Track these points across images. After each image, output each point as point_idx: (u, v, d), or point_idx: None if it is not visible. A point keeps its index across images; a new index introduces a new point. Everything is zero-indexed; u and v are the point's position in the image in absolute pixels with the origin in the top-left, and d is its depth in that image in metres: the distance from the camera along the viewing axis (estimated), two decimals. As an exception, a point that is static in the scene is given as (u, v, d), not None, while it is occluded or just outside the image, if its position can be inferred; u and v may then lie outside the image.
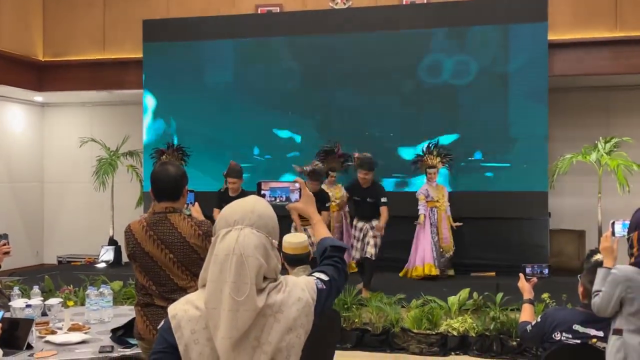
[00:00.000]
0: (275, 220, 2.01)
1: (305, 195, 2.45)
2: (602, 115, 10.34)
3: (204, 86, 10.49)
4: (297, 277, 2.04)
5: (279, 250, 2.05)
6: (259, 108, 10.26)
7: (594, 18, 9.59)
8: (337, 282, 2.17)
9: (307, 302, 1.97)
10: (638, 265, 3.11)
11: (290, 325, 1.90)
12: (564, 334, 3.55)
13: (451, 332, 6.80)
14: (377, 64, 9.86)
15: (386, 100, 9.85)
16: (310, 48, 10.15)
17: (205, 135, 10.39)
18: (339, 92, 10.01)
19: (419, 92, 9.78)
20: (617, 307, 3.13)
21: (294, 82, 10.19)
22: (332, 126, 9.99)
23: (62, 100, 12.27)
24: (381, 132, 9.87)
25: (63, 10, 11.36)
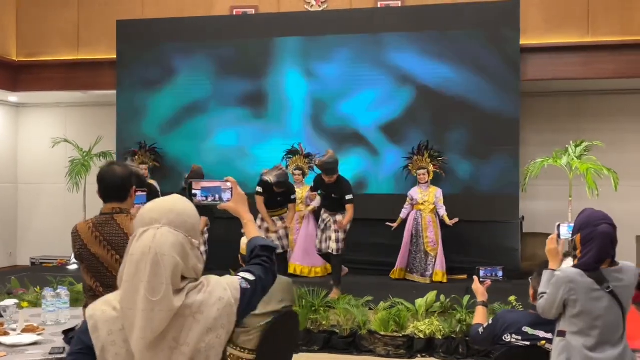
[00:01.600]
0: (196, 219, 2.00)
1: (236, 194, 2.45)
2: (575, 120, 10.41)
3: (178, 87, 10.44)
4: (220, 277, 2.03)
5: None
6: (234, 110, 10.24)
7: (565, 23, 9.66)
8: (263, 282, 2.17)
9: (229, 302, 1.95)
10: (581, 267, 3.13)
11: (210, 326, 1.89)
12: (514, 335, 3.57)
13: (418, 334, 6.81)
14: (352, 66, 9.87)
15: (362, 103, 9.86)
16: (285, 50, 10.14)
17: (179, 136, 10.35)
18: (316, 94, 10.01)
19: (394, 94, 9.78)
20: (561, 309, 3.15)
21: (269, 83, 10.17)
22: (306, 128, 9.99)
23: (37, 100, 12.19)
24: (357, 132, 9.88)
25: (37, 10, 11.28)
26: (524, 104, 9.99)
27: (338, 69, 9.92)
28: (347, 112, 9.90)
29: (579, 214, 3.24)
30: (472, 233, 9.35)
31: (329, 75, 9.95)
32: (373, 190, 9.80)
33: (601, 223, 3.12)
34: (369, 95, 9.84)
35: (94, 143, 10.90)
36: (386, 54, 9.79)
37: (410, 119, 9.69)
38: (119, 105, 10.66)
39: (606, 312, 3.08)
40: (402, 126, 9.71)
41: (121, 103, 10.66)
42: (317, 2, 10.35)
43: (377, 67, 9.81)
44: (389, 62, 9.78)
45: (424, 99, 9.68)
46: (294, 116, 10.08)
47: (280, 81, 10.16)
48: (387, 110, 9.80)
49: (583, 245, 3.14)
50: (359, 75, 9.85)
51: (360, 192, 9.59)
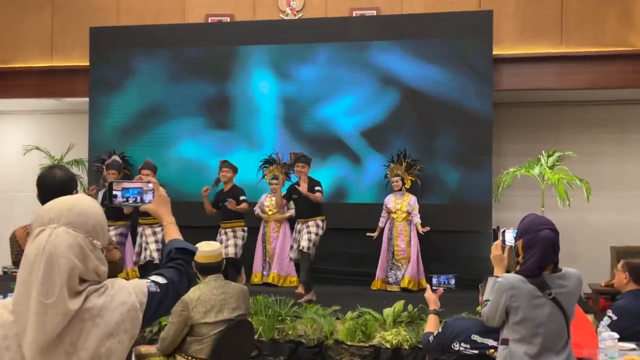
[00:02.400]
0: (99, 219, 1.92)
1: (158, 196, 2.37)
2: (550, 131, 10.41)
3: (152, 95, 10.36)
4: (125, 281, 1.96)
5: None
6: (208, 118, 10.19)
7: (539, 34, 9.68)
8: (176, 286, 2.09)
9: (133, 306, 1.88)
10: (523, 273, 3.07)
11: (111, 331, 1.81)
12: (462, 344, 3.52)
13: (384, 344, 6.74)
14: (326, 74, 9.85)
15: (336, 111, 9.83)
16: (261, 58, 10.09)
17: (150, 144, 10.26)
18: (289, 103, 9.96)
19: (367, 102, 9.76)
20: (504, 316, 3.09)
21: (244, 92, 10.12)
22: (281, 136, 9.95)
23: (11, 108, 12.05)
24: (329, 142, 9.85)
25: (10, 16, 11.16)
26: (499, 114, 10.00)
27: (313, 73, 9.89)
28: (327, 116, 9.87)
29: (521, 220, 3.19)
30: (444, 243, 9.30)
31: (303, 80, 9.92)
32: (354, 199, 9.72)
33: (543, 228, 3.06)
34: (344, 103, 9.81)
35: (66, 151, 10.78)
36: (364, 60, 9.76)
37: (390, 126, 9.65)
38: (91, 112, 10.56)
39: (548, 319, 3.02)
40: (378, 133, 9.68)
41: (93, 111, 10.55)
42: (292, 11, 10.32)
43: (354, 72, 9.78)
44: (368, 67, 9.75)
45: (395, 107, 9.64)
46: (264, 123, 10.04)
47: (251, 87, 10.11)
48: (367, 116, 9.75)
49: (525, 251, 3.08)
50: (333, 81, 9.80)
51: (341, 201, 9.56)
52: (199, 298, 4.26)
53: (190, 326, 4.24)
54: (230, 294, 4.39)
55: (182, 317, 4.22)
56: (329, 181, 9.35)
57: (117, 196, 2.35)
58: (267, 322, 6.98)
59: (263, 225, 9.34)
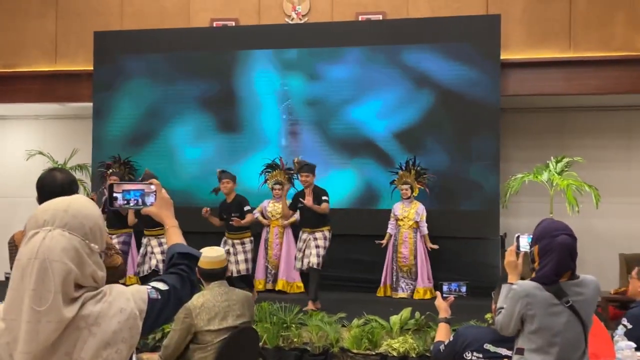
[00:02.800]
0: (97, 221, 1.81)
1: (160, 198, 2.27)
2: (557, 136, 10.31)
3: (156, 100, 10.29)
4: (124, 287, 1.85)
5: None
6: (213, 123, 10.10)
7: (547, 38, 9.58)
8: (178, 292, 1.99)
9: (132, 313, 1.77)
10: (539, 280, 2.95)
11: (108, 340, 1.71)
12: (475, 353, 3.40)
13: (391, 352, 6.60)
14: (332, 79, 9.76)
15: (342, 116, 9.75)
16: (266, 62, 10.01)
17: (155, 149, 10.18)
18: (295, 106, 9.89)
19: (375, 107, 9.67)
20: (519, 324, 2.97)
21: (248, 95, 10.03)
22: (289, 141, 9.87)
23: (15, 113, 12.01)
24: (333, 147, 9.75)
25: (14, 20, 11.10)
26: (506, 119, 9.89)
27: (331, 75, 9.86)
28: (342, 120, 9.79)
29: (537, 225, 3.08)
30: (451, 249, 9.19)
31: (300, 88, 9.84)
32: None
33: (560, 234, 2.95)
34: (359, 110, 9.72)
35: (69, 156, 10.70)
36: (367, 67, 9.68)
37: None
38: (95, 117, 10.49)
39: (565, 328, 2.91)
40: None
41: (97, 115, 10.47)
42: (297, 15, 10.24)
43: (359, 75, 9.72)
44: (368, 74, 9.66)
45: (402, 112, 9.54)
46: (267, 122, 9.97)
47: (255, 87, 10.04)
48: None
49: (541, 257, 2.97)
50: (353, 83, 9.74)
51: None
52: (202, 305, 4.16)
53: (193, 334, 4.14)
54: (235, 300, 4.29)
55: (185, 325, 4.12)
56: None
57: (117, 198, 2.25)
58: (271, 330, 6.86)
59: (265, 231, 9.24)
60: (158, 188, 2.27)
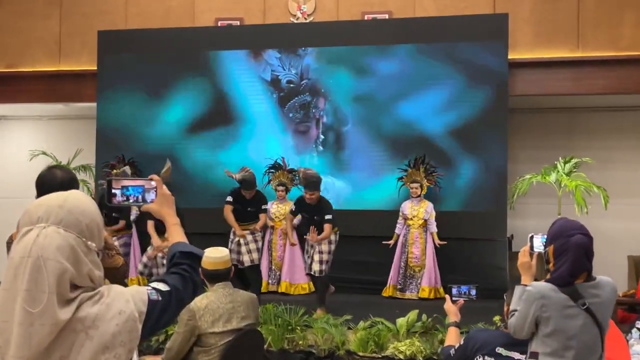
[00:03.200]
0: (94, 218, 1.72)
1: (160, 194, 2.17)
2: (565, 137, 10.20)
3: (160, 99, 10.20)
4: (124, 288, 1.76)
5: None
6: (219, 123, 10.02)
7: (555, 38, 9.47)
8: (180, 293, 1.89)
9: (131, 315, 1.68)
10: (554, 281, 2.85)
11: (106, 344, 1.62)
12: (486, 357, 3.29)
13: (398, 355, 6.50)
14: (337, 78, 9.67)
15: (349, 117, 9.67)
16: (271, 62, 9.93)
17: (160, 149, 10.09)
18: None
19: (379, 108, 9.58)
20: (533, 327, 2.87)
21: (254, 96, 9.95)
22: (290, 141, 9.78)
23: (19, 113, 11.98)
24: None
25: (18, 20, 11.05)
26: (513, 119, 9.78)
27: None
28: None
29: (552, 224, 2.98)
30: (458, 250, 9.08)
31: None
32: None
33: (575, 233, 2.84)
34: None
35: (73, 156, 10.64)
36: (372, 66, 9.59)
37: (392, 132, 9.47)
38: (99, 117, 10.41)
39: (581, 331, 2.80)
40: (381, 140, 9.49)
41: (101, 115, 10.40)
42: (303, 15, 10.16)
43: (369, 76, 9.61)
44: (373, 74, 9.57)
45: (407, 113, 9.46)
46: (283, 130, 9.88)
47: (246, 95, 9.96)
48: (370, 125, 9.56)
49: (556, 257, 2.87)
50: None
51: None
52: (206, 306, 4.07)
53: (197, 336, 4.06)
54: (239, 302, 4.21)
55: (188, 327, 4.03)
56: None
57: (116, 195, 2.16)
58: (276, 332, 6.77)
59: (269, 233, 9.15)
60: (159, 184, 2.18)
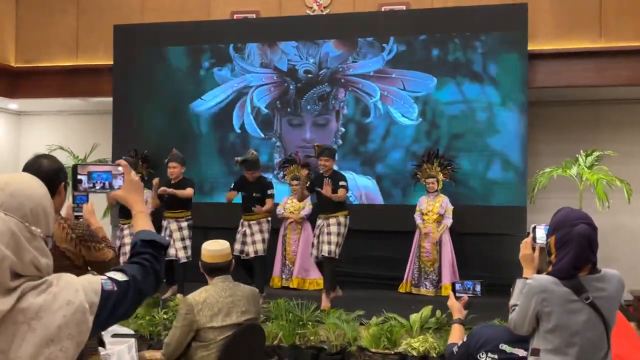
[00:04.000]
0: (40, 202, 1.61)
1: (127, 181, 2.07)
2: (589, 130, 9.94)
3: (176, 93, 10.14)
4: (74, 277, 1.63)
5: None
6: (236, 116, 9.93)
7: (577, 28, 9.23)
8: (138, 284, 1.77)
9: (81, 306, 1.56)
10: (556, 274, 2.69)
11: (51, 336, 1.50)
12: (489, 354, 3.13)
13: (411, 351, 6.37)
14: (355, 71, 9.54)
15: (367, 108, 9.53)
16: (287, 51, 9.81)
17: (176, 142, 10.02)
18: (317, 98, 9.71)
19: (398, 101, 9.43)
20: (534, 323, 2.71)
21: (270, 89, 9.84)
22: (307, 135, 9.68)
23: (39, 108, 12.02)
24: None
25: (36, 16, 11.08)
26: (534, 112, 9.56)
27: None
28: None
29: (554, 214, 2.82)
30: (477, 246, 8.90)
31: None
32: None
33: (578, 223, 2.67)
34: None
35: (90, 151, 10.63)
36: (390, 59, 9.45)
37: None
38: (115, 112, 10.39)
39: (585, 327, 2.63)
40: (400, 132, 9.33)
41: (117, 110, 10.37)
42: (319, 7, 10.02)
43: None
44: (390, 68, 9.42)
45: (426, 105, 9.29)
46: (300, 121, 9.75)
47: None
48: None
49: (558, 249, 2.70)
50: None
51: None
52: (205, 300, 3.96)
53: (195, 331, 3.95)
54: (240, 296, 4.09)
55: (186, 321, 3.93)
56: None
57: (82, 181, 2.05)
58: (287, 327, 6.67)
59: (283, 227, 9.05)
60: (126, 169, 2.08)
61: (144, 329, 6.82)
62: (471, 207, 9.03)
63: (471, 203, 9.07)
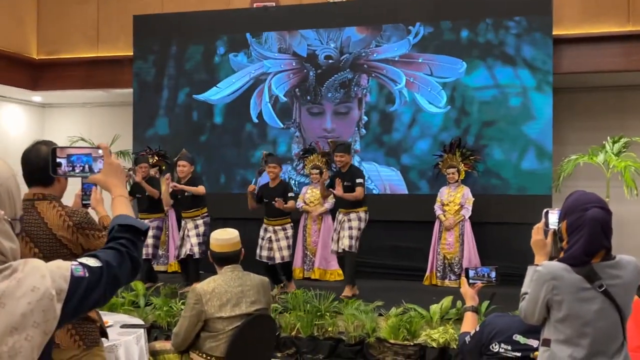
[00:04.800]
0: (5, 183, 1.54)
1: (108, 164, 1.99)
2: (616, 117, 9.70)
3: (196, 82, 10.09)
4: (42, 262, 1.55)
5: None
6: (264, 107, 9.86)
7: (604, 12, 8.99)
8: (113, 269, 1.67)
9: (47, 293, 1.47)
10: (567, 260, 2.54)
11: (15, 324, 1.42)
12: (502, 345, 3.00)
13: (431, 343, 6.24)
14: (378, 56, 9.39)
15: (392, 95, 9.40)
16: (306, 35, 9.69)
17: (196, 133, 10.00)
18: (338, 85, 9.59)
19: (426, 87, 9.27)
20: (544, 312, 2.57)
21: (288, 75, 9.74)
22: (328, 124, 9.57)
23: (63, 101, 12.07)
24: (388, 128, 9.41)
25: (57, 7, 11.11)
26: (560, 99, 9.34)
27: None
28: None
29: (566, 198, 2.67)
30: (500, 235, 8.73)
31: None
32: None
33: (591, 207, 2.52)
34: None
35: (111, 142, 10.63)
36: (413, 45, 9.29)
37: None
38: (135, 103, 10.39)
39: (598, 317, 2.49)
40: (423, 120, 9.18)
41: (138, 101, 10.37)
42: (341, -7, 9.88)
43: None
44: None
45: (450, 92, 9.12)
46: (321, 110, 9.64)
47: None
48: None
49: (569, 234, 2.55)
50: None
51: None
52: (213, 290, 3.89)
53: (204, 321, 3.88)
54: (249, 286, 4.00)
55: (195, 311, 3.86)
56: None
57: (61, 164, 1.98)
58: (305, 318, 6.58)
59: (304, 218, 8.97)
60: (106, 152, 2.00)
61: (162, 319, 6.78)
62: (496, 196, 8.87)
63: (496, 192, 8.90)
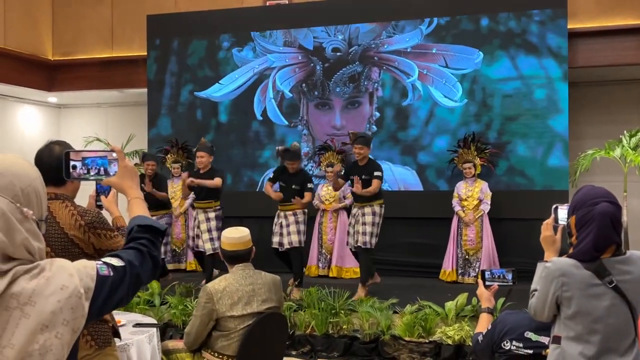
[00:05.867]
0: (32, 183, 1.56)
1: (122, 167, 2.00)
2: (633, 111, 9.61)
3: (210, 82, 10.11)
4: (69, 261, 1.57)
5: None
6: (268, 104, 9.86)
7: (619, 4, 8.88)
8: (135, 269, 1.71)
9: (75, 291, 1.50)
10: (577, 256, 2.51)
11: (45, 322, 1.44)
12: (514, 342, 2.98)
13: (446, 340, 6.21)
14: (389, 47, 9.34)
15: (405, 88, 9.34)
16: (313, 31, 9.66)
17: (211, 132, 10.02)
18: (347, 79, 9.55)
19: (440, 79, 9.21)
20: (554, 308, 2.54)
21: (294, 70, 9.72)
22: (337, 120, 9.54)
23: (78, 101, 12.15)
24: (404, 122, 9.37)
25: (72, 8, 11.19)
26: (576, 93, 9.26)
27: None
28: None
29: (575, 193, 2.64)
30: (516, 231, 8.67)
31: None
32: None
33: (600, 201, 2.50)
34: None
35: (126, 142, 10.68)
36: (428, 40, 9.24)
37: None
38: (150, 102, 10.43)
39: (609, 313, 2.46)
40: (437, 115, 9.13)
41: (152, 100, 10.40)
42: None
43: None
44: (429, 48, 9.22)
45: (464, 86, 9.07)
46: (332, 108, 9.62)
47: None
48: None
49: (578, 229, 2.52)
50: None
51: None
52: (224, 289, 3.88)
53: (215, 320, 3.88)
54: (260, 284, 4.00)
55: (206, 310, 3.86)
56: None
57: (76, 167, 1.99)
58: (320, 316, 6.57)
59: (319, 215, 8.95)
60: (120, 155, 2.03)
61: (177, 318, 6.80)
62: (512, 192, 8.81)
63: (512, 188, 8.84)
